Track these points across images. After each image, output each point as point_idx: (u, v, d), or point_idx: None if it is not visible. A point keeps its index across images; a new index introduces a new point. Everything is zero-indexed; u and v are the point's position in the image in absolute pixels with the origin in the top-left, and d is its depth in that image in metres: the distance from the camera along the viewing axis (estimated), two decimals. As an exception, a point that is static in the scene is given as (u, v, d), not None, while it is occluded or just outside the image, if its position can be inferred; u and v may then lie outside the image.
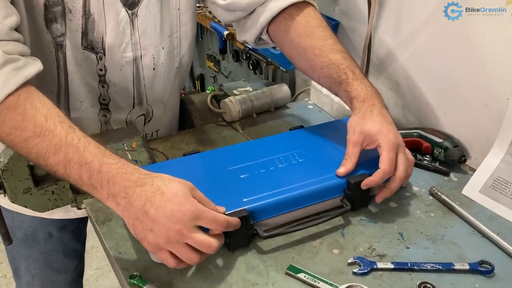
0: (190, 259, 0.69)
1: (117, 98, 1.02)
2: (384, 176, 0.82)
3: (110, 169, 0.69)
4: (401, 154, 0.83)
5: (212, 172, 0.89)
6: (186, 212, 0.67)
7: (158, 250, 0.68)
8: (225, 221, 0.71)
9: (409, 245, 0.81)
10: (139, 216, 0.67)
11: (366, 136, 0.84)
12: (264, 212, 0.81)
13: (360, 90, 0.89)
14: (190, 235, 0.67)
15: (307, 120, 1.23)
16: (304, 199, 0.84)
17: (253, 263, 0.78)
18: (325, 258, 0.79)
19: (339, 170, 0.85)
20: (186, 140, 1.13)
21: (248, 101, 1.20)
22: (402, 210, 0.89)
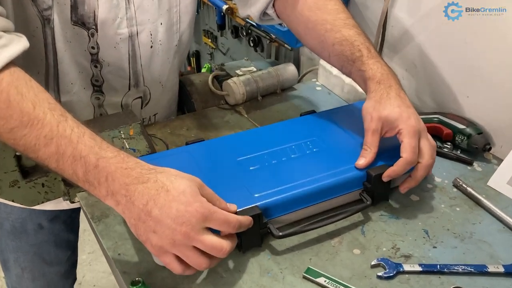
0: (198, 264, 0.61)
1: (111, 79, 0.93)
2: (407, 165, 0.75)
3: (108, 164, 0.61)
4: (424, 139, 0.76)
5: (219, 164, 0.81)
6: (194, 213, 0.59)
7: (162, 253, 0.61)
8: (237, 221, 0.64)
9: (436, 244, 0.75)
10: (142, 216, 0.60)
11: (385, 123, 0.77)
12: (277, 208, 0.74)
13: (375, 69, 0.81)
14: (198, 237, 0.59)
15: (316, 103, 1.14)
16: (321, 194, 0.77)
17: (267, 266, 0.71)
18: (345, 259, 0.72)
19: (358, 162, 0.78)
20: (186, 125, 1.05)
21: (252, 83, 1.11)
22: (425, 204, 0.82)
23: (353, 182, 0.79)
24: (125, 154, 0.64)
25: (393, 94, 0.78)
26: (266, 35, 1.51)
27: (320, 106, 1.12)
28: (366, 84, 0.81)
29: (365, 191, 0.79)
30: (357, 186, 0.79)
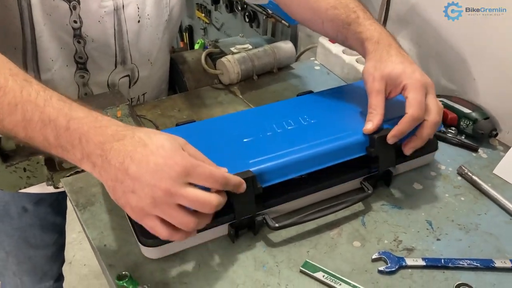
0: (185, 223, 0.55)
1: (96, 56, 0.87)
2: (413, 122, 0.69)
3: (80, 125, 0.55)
4: (431, 96, 0.71)
5: (211, 143, 0.76)
6: (174, 166, 0.53)
7: (144, 216, 0.55)
8: (223, 177, 0.58)
9: (439, 236, 0.71)
10: (119, 176, 0.54)
11: (388, 81, 0.72)
12: (274, 173, 0.68)
13: (373, 30, 0.76)
14: (180, 192, 0.53)
15: (315, 83, 1.09)
16: (320, 159, 0.71)
17: (262, 259, 0.67)
18: (345, 252, 0.68)
19: (366, 126, 0.72)
20: (178, 105, 0.99)
21: (248, 61, 1.06)
22: (428, 193, 0.78)
23: (355, 147, 0.73)
24: (98, 113, 0.58)
25: (393, 51, 0.73)
26: (262, 10, 1.44)
27: (318, 87, 1.07)
28: (364, 46, 0.76)
29: (368, 157, 0.73)
30: (359, 152, 0.73)
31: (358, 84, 0.88)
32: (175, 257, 0.66)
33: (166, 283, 0.63)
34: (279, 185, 0.72)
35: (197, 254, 0.67)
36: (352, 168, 0.76)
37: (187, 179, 0.54)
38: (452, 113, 0.92)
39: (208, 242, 0.69)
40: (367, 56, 0.75)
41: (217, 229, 0.68)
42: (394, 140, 0.71)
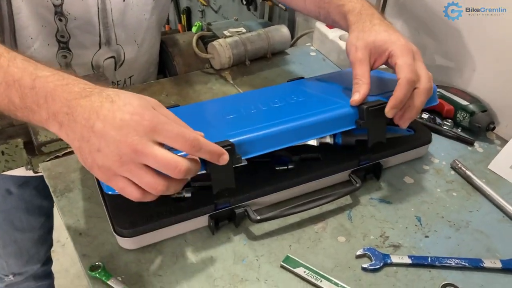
0: (153, 185, 0.51)
1: (79, 35, 0.84)
2: (409, 86, 0.65)
3: (46, 83, 0.52)
4: (418, 61, 0.68)
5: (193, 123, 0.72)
6: (141, 121, 0.50)
7: (112, 177, 0.52)
8: (195, 138, 0.52)
9: (428, 233, 0.68)
10: (85, 134, 0.50)
11: (372, 49, 0.69)
12: (255, 144, 0.64)
13: (355, 2, 0.74)
14: (147, 150, 0.49)
15: (309, 70, 1.06)
16: (304, 131, 0.68)
17: (242, 252, 0.64)
18: (329, 247, 0.66)
19: (353, 97, 0.68)
20: (166, 90, 0.96)
21: (240, 45, 1.02)
22: (419, 188, 0.76)
23: (343, 119, 0.69)
24: (65, 72, 0.55)
25: (376, 21, 0.71)
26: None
27: (313, 73, 1.02)
28: (346, 18, 0.73)
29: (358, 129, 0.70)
30: (347, 125, 0.70)
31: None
32: (152, 248, 0.64)
33: (141, 275, 0.61)
34: (262, 176, 0.70)
35: (175, 246, 0.65)
36: (341, 160, 0.73)
37: (154, 137, 0.50)
38: (448, 104, 0.88)
39: (187, 234, 0.66)
40: (350, 28, 0.72)
41: (196, 220, 0.65)
42: (394, 112, 0.66)
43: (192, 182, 0.69)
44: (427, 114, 0.88)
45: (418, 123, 0.82)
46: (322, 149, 0.75)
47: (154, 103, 0.54)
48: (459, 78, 0.92)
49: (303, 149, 0.75)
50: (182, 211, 0.64)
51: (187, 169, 0.52)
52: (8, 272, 1.20)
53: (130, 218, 0.62)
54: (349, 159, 0.73)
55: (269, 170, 0.72)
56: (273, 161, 0.73)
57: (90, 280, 0.60)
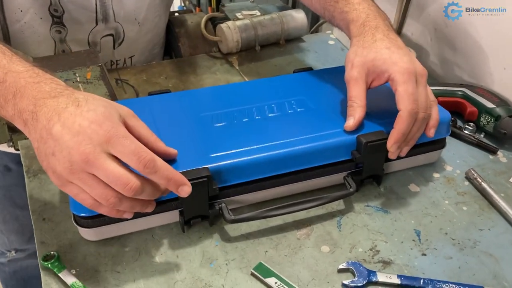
0: (104, 196, 0.48)
1: (74, 10, 0.80)
2: (411, 118, 0.59)
3: (17, 79, 0.50)
4: (421, 86, 0.61)
5: (179, 120, 0.67)
6: (97, 130, 0.47)
7: (65, 183, 0.49)
8: (151, 160, 0.48)
9: (426, 250, 0.60)
10: (43, 134, 0.48)
11: (370, 69, 0.62)
12: (236, 173, 0.60)
13: (360, 10, 0.66)
14: (98, 162, 0.46)
15: (324, 60, 0.97)
16: (294, 161, 0.62)
17: (211, 254, 0.58)
18: (309, 257, 0.58)
19: (347, 123, 0.62)
20: (166, 72, 0.91)
21: (250, 29, 0.95)
22: (424, 198, 0.67)
23: (338, 149, 0.63)
24: (41, 70, 0.52)
25: (379, 35, 0.63)
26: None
27: (328, 64, 0.96)
28: (349, 29, 0.67)
29: (354, 161, 0.63)
30: (342, 155, 0.64)
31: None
32: (115, 242, 0.59)
33: (97, 270, 0.56)
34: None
35: (140, 241, 0.60)
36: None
37: (109, 149, 0.47)
38: (472, 106, 0.79)
39: (156, 228, 0.61)
40: (351, 41, 0.66)
41: (166, 214, 0.60)
42: (396, 147, 0.61)
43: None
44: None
45: (431, 124, 0.73)
46: (317, 147, 0.67)
47: (125, 114, 0.51)
48: (487, 77, 0.82)
49: (296, 145, 0.68)
50: (149, 204, 0.58)
51: (138, 187, 0.48)
52: (10, 247, 1.20)
53: (91, 207, 0.57)
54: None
55: (254, 165, 0.65)
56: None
57: (42, 270, 0.56)
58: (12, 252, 1.21)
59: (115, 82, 0.86)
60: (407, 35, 0.98)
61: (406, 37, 0.98)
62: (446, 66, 0.91)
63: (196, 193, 0.55)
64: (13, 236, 1.16)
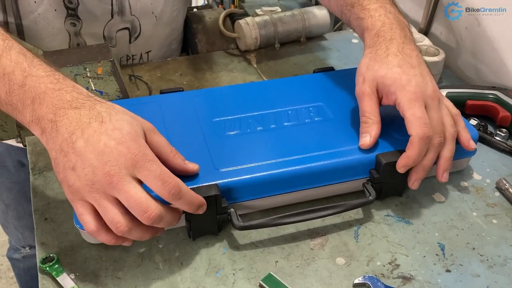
0: (115, 222, 0.46)
1: (89, 2, 0.77)
2: (422, 142, 0.55)
3: (38, 84, 0.49)
4: (432, 110, 0.57)
5: (189, 122, 0.65)
6: (124, 152, 0.46)
7: (77, 199, 0.48)
8: (177, 186, 0.48)
9: (451, 266, 0.55)
10: (64, 147, 0.47)
11: (380, 86, 0.59)
12: (246, 191, 0.57)
13: (377, 17, 0.62)
14: (122, 185, 0.45)
15: (347, 59, 0.93)
16: (308, 179, 0.59)
17: (218, 262, 0.55)
18: (322, 269, 0.54)
19: (363, 141, 0.59)
20: (182, 69, 0.88)
21: (270, 25, 0.91)
22: (450, 209, 0.62)
23: (356, 168, 0.60)
24: (62, 75, 0.51)
25: (393, 49, 0.59)
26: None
27: (350, 64, 0.91)
28: (363, 37, 0.63)
29: (371, 181, 0.60)
30: (360, 174, 0.61)
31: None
32: (118, 246, 0.56)
33: (97, 275, 0.53)
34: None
35: (144, 245, 0.56)
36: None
37: (134, 173, 0.47)
38: (505, 111, 0.73)
39: (161, 232, 0.58)
40: (364, 51, 0.62)
41: (172, 218, 0.56)
42: (405, 169, 0.58)
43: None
44: (476, 120, 0.74)
45: (459, 129, 0.68)
46: (335, 151, 0.63)
47: (147, 129, 0.50)
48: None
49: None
50: (154, 207, 0.55)
51: (157, 216, 0.47)
52: (24, 244, 1.19)
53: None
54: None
55: (266, 169, 0.61)
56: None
57: (40, 273, 0.53)
58: (27, 249, 1.21)
59: (128, 78, 0.84)
60: (435, 34, 0.93)
61: (434, 36, 0.93)
62: (477, 67, 0.85)
63: (206, 211, 0.52)
64: (27, 232, 1.15)
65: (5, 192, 1.06)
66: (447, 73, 0.89)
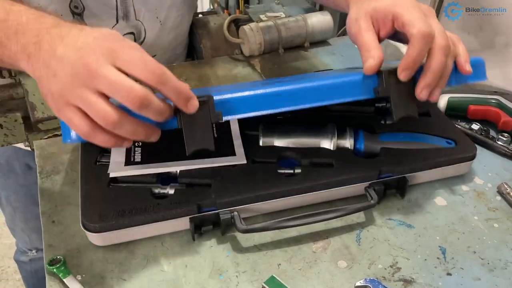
0: (104, 114, 0.45)
1: (94, 7, 0.78)
2: (424, 41, 0.53)
3: (19, 16, 0.50)
4: (432, 18, 0.56)
5: None
6: (102, 43, 0.46)
7: (62, 106, 0.47)
8: (160, 68, 0.46)
9: (452, 269, 0.56)
10: (46, 59, 0.47)
11: (373, 16, 0.57)
12: (241, 104, 0.54)
13: None
14: (102, 71, 0.44)
15: (351, 64, 0.93)
16: (306, 94, 0.56)
17: (222, 265, 0.56)
18: (324, 272, 0.55)
19: (367, 64, 0.56)
20: (186, 74, 0.89)
21: (273, 31, 0.92)
22: (452, 213, 0.63)
23: (358, 87, 0.57)
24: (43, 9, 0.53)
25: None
26: (314, -23, 1.29)
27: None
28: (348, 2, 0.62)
29: (377, 100, 0.57)
30: (364, 93, 0.57)
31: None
32: (123, 248, 0.57)
33: (103, 277, 0.54)
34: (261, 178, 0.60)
35: (149, 248, 0.57)
36: (357, 169, 0.62)
37: (114, 60, 0.45)
38: (506, 115, 0.74)
39: (166, 235, 0.59)
40: (349, 5, 0.61)
41: (177, 221, 0.57)
42: (407, 75, 0.55)
43: (180, 177, 0.61)
44: (478, 124, 0.74)
45: (460, 133, 0.68)
46: (337, 155, 0.64)
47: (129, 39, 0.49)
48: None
49: (315, 153, 0.64)
50: (159, 210, 0.56)
51: (145, 96, 0.45)
52: (31, 246, 1.21)
53: (100, 210, 0.56)
54: (367, 169, 0.62)
55: (270, 172, 0.62)
56: (278, 163, 0.64)
57: (47, 275, 0.54)
58: (33, 251, 1.22)
59: (134, 83, 0.85)
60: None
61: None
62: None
63: (199, 118, 0.51)
64: (34, 235, 1.16)
65: (12, 195, 1.07)
66: (450, 78, 0.90)
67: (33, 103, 0.71)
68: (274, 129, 0.67)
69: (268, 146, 0.66)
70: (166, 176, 0.62)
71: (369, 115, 0.72)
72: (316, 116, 0.69)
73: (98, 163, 0.63)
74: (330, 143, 0.65)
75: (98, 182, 0.60)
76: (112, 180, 0.60)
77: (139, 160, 0.62)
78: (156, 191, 0.59)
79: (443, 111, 0.76)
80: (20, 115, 0.73)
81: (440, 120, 0.71)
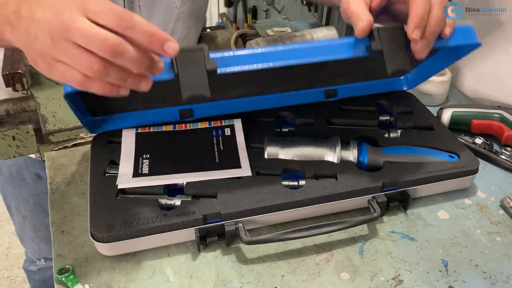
0: (87, 64, 0.46)
1: None
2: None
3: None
4: None
5: None
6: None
7: (52, 64, 0.48)
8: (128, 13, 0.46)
9: (453, 282, 0.56)
10: (26, 25, 0.49)
11: None
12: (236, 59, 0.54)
13: None
14: (75, 24, 0.45)
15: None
16: (298, 52, 0.56)
17: (226, 276, 0.57)
18: (327, 284, 0.56)
19: (357, 29, 0.55)
20: (194, 87, 0.91)
21: (280, 46, 0.94)
22: (454, 226, 0.63)
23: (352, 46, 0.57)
24: None
25: None
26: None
27: (358, 82, 0.93)
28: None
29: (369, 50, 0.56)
30: (357, 52, 0.57)
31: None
32: (130, 258, 0.58)
33: (110, 286, 0.55)
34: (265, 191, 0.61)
35: (155, 258, 0.59)
36: (360, 183, 0.63)
37: (86, 13, 0.46)
38: (510, 130, 0.75)
39: (172, 246, 0.60)
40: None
41: (183, 232, 0.59)
42: (419, 33, 0.54)
43: (186, 189, 0.62)
44: (481, 138, 0.75)
45: (463, 147, 0.69)
46: (341, 168, 0.65)
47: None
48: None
49: (319, 166, 0.66)
50: (165, 221, 0.58)
51: (117, 44, 0.45)
52: (40, 256, 1.22)
53: (108, 221, 0.57)
54: (370, 182, 0.63)
55: (275, 184, 0.63)
56: (282, 176, 0.65)
57: (56, 283, 0.55)
58: (42, 261, 1.23)
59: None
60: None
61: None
62: (481, 85, 0.87)
63: (192, 64, 0.51)
64: (43, 244, 1.17)
65: (22, 204, 1.09)
66: (453, 92, 0.91)
67: (45, 115, 0.73)
68: (278, 142, 0.68)
69: (273, 158, 0.67)
70: (173, 187, 0.63)
71: (372, 128, 0.74)
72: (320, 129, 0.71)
73: (106, 175, 0.64)
74: (334, 156, 0.66)
75: (106, 193, 0.61)
76: (120, 191, 0.62)
77: (147, 172, 0.64)
78: (163, 202, 0.61)
79: (446, 125, 0.77)
80: (32, 127, 0.75)
81: (444, 134, 0.72)
